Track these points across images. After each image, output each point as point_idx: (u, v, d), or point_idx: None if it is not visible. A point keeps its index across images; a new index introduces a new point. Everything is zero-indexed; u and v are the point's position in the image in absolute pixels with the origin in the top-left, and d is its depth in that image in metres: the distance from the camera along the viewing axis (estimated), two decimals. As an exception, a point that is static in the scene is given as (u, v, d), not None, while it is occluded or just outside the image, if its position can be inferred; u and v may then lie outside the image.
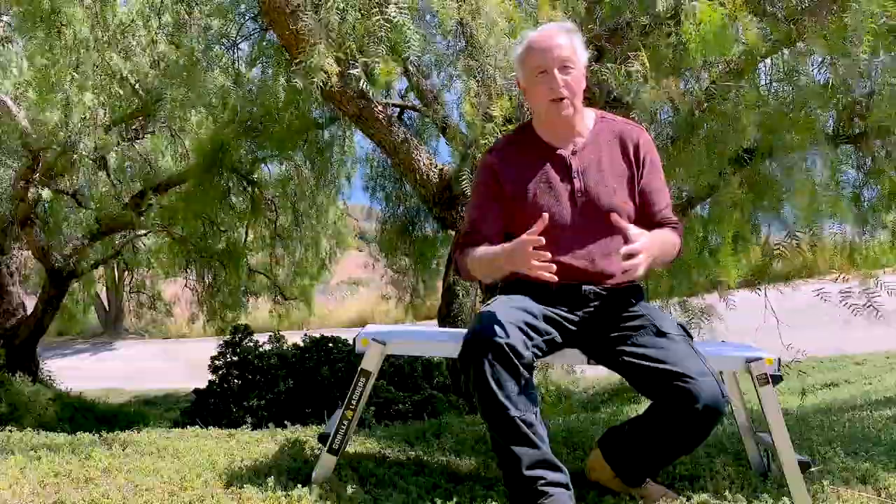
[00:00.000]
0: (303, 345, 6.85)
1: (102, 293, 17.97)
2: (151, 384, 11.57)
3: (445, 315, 5.05)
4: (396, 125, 3.90)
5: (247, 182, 7.36)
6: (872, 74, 3.49)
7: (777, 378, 2.03)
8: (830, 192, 3.62)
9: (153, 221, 8.06)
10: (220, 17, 5.52)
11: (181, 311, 12.68)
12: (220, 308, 8.80)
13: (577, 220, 2.01)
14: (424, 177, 3.84)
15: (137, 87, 6.31)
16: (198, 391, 6.89)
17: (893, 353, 7.92)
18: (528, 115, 2.28)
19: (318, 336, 6.96)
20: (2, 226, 7.71)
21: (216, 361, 6.95)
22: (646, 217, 2.05)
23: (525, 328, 1.87)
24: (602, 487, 2.07)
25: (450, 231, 4.58)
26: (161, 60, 5.86)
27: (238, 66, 5.84)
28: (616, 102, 3.25)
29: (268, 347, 7.04)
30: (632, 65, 2.96)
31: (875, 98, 3.47)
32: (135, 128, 7.65)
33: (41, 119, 5.94)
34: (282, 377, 6.43)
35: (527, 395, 1.82)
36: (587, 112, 2.11)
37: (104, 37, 5.30)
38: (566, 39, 2.00)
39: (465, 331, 1.92)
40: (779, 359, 2.05)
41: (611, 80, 3.02)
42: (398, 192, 6.80)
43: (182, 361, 13.07)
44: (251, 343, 7.04)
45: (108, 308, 18.83)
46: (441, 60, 5.13)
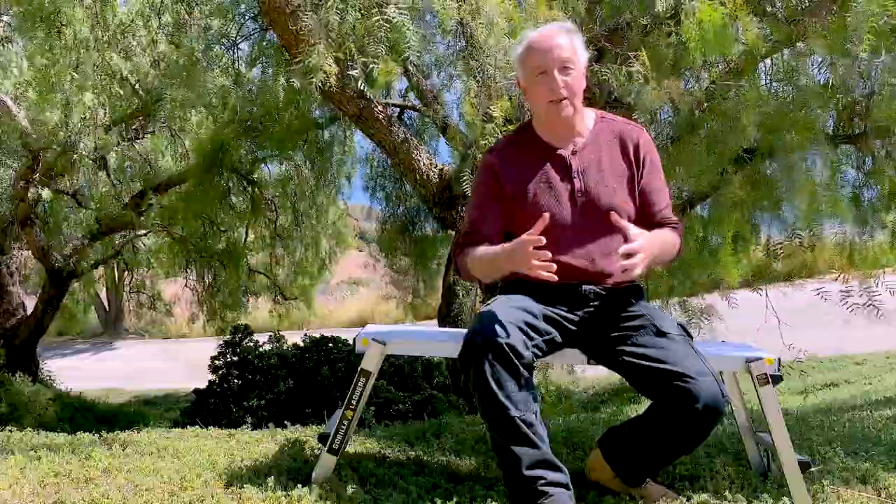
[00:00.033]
0: (303, 345, 6.85)
1: (102, 293, 17.98)
2: (151, 384, 11.57)
3: (445, 315, 5.06)
4: (396, 125, 3.90)
5: (247, 182, 7.36)
6: (872, 74, 3.49)
7: (777, 378, 2.03)
8: (831, 192, 3.62)
9: (153, 221, 8.06)
10: (220, 17, 5.52)
11: (181, 311, 12.69)
12: (220, 308, 8.81)
13: (577, 220, 2.01)
14: (424, 177, 3.84)
15: (137, 87, 6.31)
16: (198, 391, 6.90)
17: (893, 353, 7.92)
18: (528, 115, 2.28)
19: (318, 336, 6.97)
20: (2, 226, 7.71)
21: (216, 361, 6.95)
22: (646, 217, 2.05)
23: (525, 328, 1.87)
24: (602, 487, 2.07)
25: (450, 231, 4.58)
26: (161, 60, 5.86)
27: (238, 66, 5.84)
28: (616, 102, 3.25)
29: (268, 347, 7.04)
30: (632, 65, 2.96)
31: (875, 98, 3.47)
32: (135, 128, 7.65)
33: (41, 119, 5.94)
34: (282, 377, 6.43)
35: (527, 395, 1.82)
36: (587, 112, 2.11)
37: (104, 37, 5.30)
38: (566, 40, 2.00)
39: (465, 331, 1.92)
40: (779, 359, 2.05)
41: (612, 81, 3.02)
42: (398, 192, 6.80)
43: (182, 361, 13.07)
44: (251, 343, 7.04)
45: (108, 308, 18.84)
46: (441, 60, 5.14)
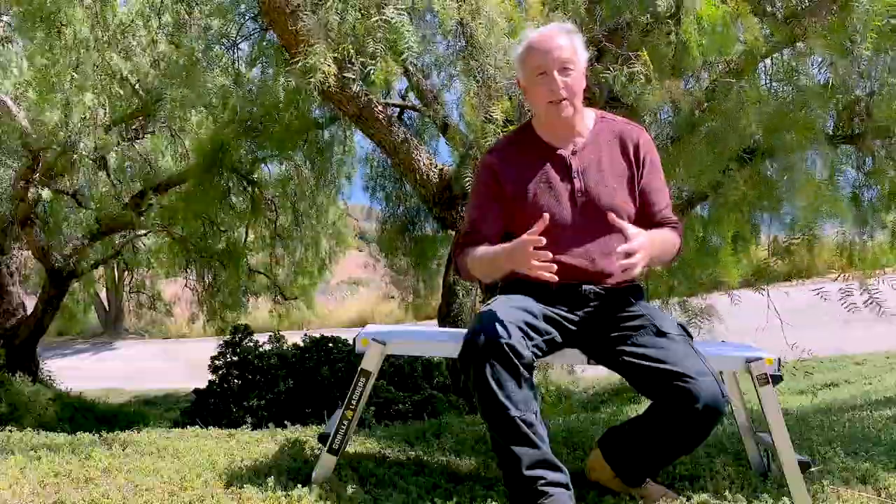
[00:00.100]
0: (303, 345, 6.85)
1: (102, 293, 17.99)
2: (151, 384, 11.57)
3: (445, 315, 5.06)
4: (396, 125, 3.90)
5: (247, 182, 7.36)
6: (872, 74, 3.49)
7: (777, 378, 2.03)
8: (831, 192, 3.62)
9: (153, 221, 8.06)
10: (220, 17, 5.51)
11: (181, 311, 12.69)
12: (220, 308, 8.81)
13: (578, 220, 2.01)
14: (424, 177, 3.84)
15: (137, 87, 6.31)
16: (198, 391, 6.90)
17: (893, 353, 7.92)
18: (529, 116, 2.28)
19: (318, 336, 6.97)
20: (2, 226, 7.71)
21: (216, 361, 6.95)
22: (646, 217, 2.05)
23: (525, 328, 1.87)
24: (602, 487, 2.07)
25: (450, 231, 4.58)
26: (161, 60, 5.86)
27: (238, 66, 5.84)
28: (616, 102, 3.25)
29: (268, 347, 7.04)
30: (633, 65, 2.96)
31: (875, 98, 3.47)
32: (135, 128, 7.65)
33: (41, 119, 5.94)
34: (282, 377, 6.43)
35: (527, 395, 1.81)
36: (587, 112, 2.11)
37: (104, 37, 5.30)
38: (566, 40, 2.00)
39: (465, 331, 1.92)
40: (779, 359, 2.05)
41: (613, 82, 3.02)
42: (398, 192, 6.80)
43: (182, 361, 13.07)
44: (251, 343, 7.04)
45: (108, 308, 18.84)
46: (441, 60, 5.15)
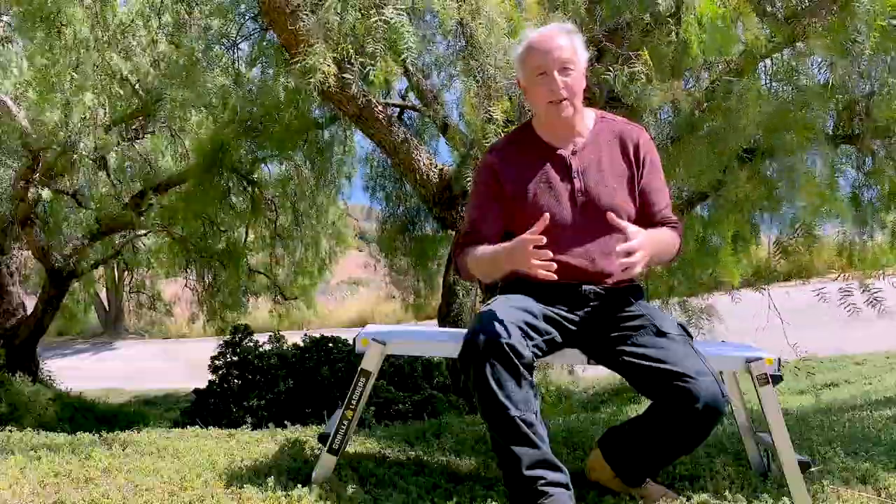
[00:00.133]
0: (303, 345, 6.85)
1: (102, 293, 17.99)
2: (151, 384, 11.57)
3: (445, 315, 5.06)
4: (396, 125, 3.90)
5: (247, 182, 7.36)
6: (872, 74, 3.49)
7: (777, 378, 2.03)
8: (831, 192, 3.62)
9: (153, 221, 8.06)
10: (220, 17, 5.51)
11: (181, 311, 12.70)
12: (220, 308, 8.81)
13: (578, 220, 2.01)
14: (424, 177, 3.84)
15: (137, 87, 6.31)
16: (198, 391, 6.90)
17: (893, 353, 7.92)
18: (529, 116, 2.28)
19: (318, 336, 6.97)
20: (2, 226, 7.71)
21: (216, 361, 6.95)
22: (646, 217, 2.05)
23: (525, 328, 1.87)
24: (602, 487, 2.07)
25: (450, 231, 4.58)
26: (161, 60, 5.86)
27: (238, 66, 5.83)
28: (616, 102, 3.24)
29: (268, 347, 7.04)
30: (634, 64, 2.96)
31: (875, 98, 3.47)
32: (135, 128, 7.65)
33: (41, 119, 5.94)
34: (282, 377, 6.43)
35: (527, 395, 1.81)
36: (587, 112, 2.11)
37: (104, 37, 5.30)
38: (566, 41, 2.00)
39: (465, 331, 1.92)
40: (779, 359, 2.05)
41: (614, 82, 3.01)
42: (398, 192, 6.80)
43: (182, 361, 13.08)
44: (251, 343, 7.04)
45: (108, 308, 18.84)
46: (441, 60, 5.15)
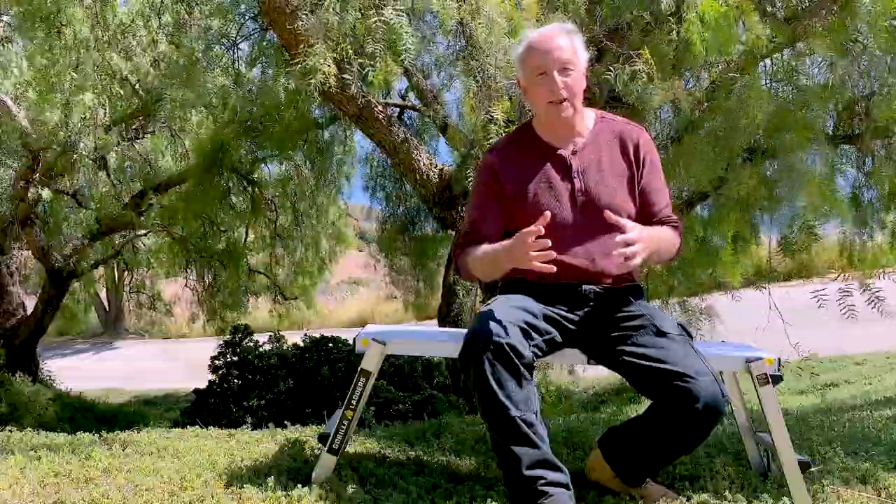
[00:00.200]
0: (303, 345, 6.85)
1: (102, 293, 17.99)
2: (151, 384, 11.57)
3: (445, 315, 5.06)
4: (396, 125, 3.90)
5: (247, 182, 7.37)
6: (871, 74, 3.50)
7: (777, 378, 2.03)
8: (831, 192, 3.62)
9: (153, 221, 8.06)
10: (220, 17, 5.52)
11: (181, 311, 12.70)
12: (220, 308, 8.81)
13: (578, 220, 2.01)
14: (424, 177, 3.84)
15: (137, 87, 6.31)
16: (198, 391, 6.90)
17: (893, 353, 7.92)
18: (529, 115, 2.28)
19: (318, 336, 6.97)
20: (2, 226, 7.71)
21: (216, 361, 6.95)
22: (646, 217, 2.05)
23: (525, 328, 1.87)
24: (602, 487, 2.07)
25: (450, 231, 4.59)
26: (161, 60, 5.86)
27: (238, 66, 5.84)
28: (616, 102, 3.24)
29: (268, 347, 7.04)
30: (635, 64, 2.96)
31: (875, 98, 3.47)
32: (135, 128, 7.65)
33: (41, 119, 5.94)
34: (282, 377, 6.43)
35: (527, 395, 1.81)
36: (587, 112, 2.11)
37: (104, 37, 5.31)
38: (566, 41, 2.00)
39: (466, 331, 1.92)
40: (779, 359, 2.05)
41: (615, 81, 3.01)
42: (398, 192, 6.80)
43: (182, 361, 13.07)
44: (251, 343, 7.04)
45: (108, 308, 18.85)
46: (441, 60, 5.15)
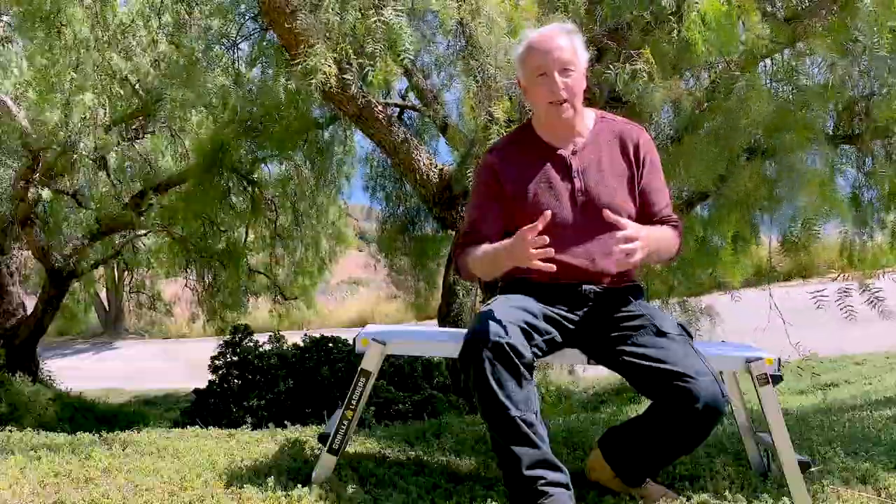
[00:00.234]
0: (303, 345, 6.85)
1: (102, 293, 17.99)
2: (151, 384, 11.57)
3: (446, 315, 5.06)
4: (396, 125, 3.90)
5: (247, 182, 7.37)
6: (871, 74, 3.50)
7: (777, 378, 2.03)
8: (831, 192, 3.62)
9: (153, 221, 8.07)
10: (220, 17, 5.52)
11: (181, 311, 12.70)
12: (220, 308, 8.81)
13: (578, 220, 2.01)
14: (424, 177, 3.84)
15: (137, 87, 6.31)
16: (198, 391, 6.89)
17: (893, 353, 7.91)
18: (529, 115, 2.28)
19: (318, 336, 6.96)
20: (2, 226, 7.71)
21: (216, 361, 6.95)
22: (646, 217, 2.05)
23: (525, 328, 1.87)
24: (602, 487, 2.07)
25: (450, 231, 4.58)
26: (161, 60, 5.86)
27: (238, 66, 5.84)
28: (616, 102, 3.24)
29: (268, 347, 7.04)
30: (635, 63, 2.96)
31: (875, 98, 3.47)
32: (135, 128, 7.65)
33: (41, 119, 5.94)
34: (282, 377, 6.43)
35: (527, 395, 1.81)
36: (587, 112, 2.11)
37: (104, 37, 5.31)
38: (566, 41, 2.00)
39: (466, 331, 1.92)
40: (779, 359, 2.05)
41: (616, 81, 3.01)
42: (398, 192, 6.80)
43: (182, 361, 13.07)
44: (251, 343, 7.04)
45: (108, 308, 18.85)
46: (441, 60, 5.15)
